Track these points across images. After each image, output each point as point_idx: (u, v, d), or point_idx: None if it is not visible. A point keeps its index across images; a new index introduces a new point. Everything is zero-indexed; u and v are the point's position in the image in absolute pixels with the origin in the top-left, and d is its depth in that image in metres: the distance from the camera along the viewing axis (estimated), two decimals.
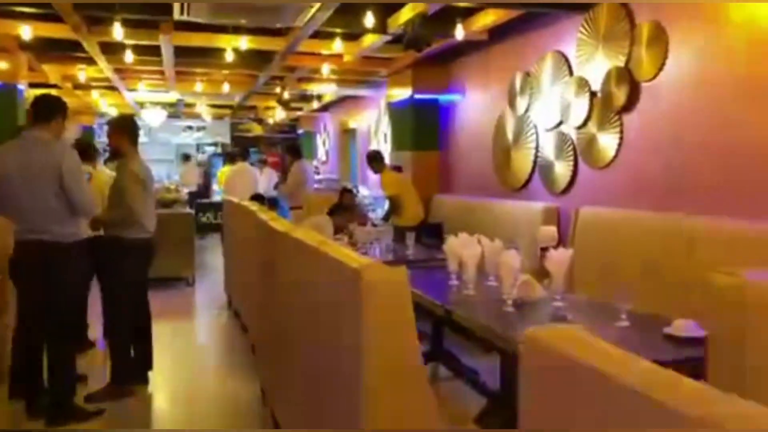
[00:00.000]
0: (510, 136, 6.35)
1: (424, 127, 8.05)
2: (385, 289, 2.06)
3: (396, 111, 8.62)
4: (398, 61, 7.83)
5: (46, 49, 7.21)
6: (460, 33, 5.64)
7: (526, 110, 6.04)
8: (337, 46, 6.60)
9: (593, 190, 5.16)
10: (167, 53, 6.83)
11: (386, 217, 7.57)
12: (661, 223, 4.27)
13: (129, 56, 6.95)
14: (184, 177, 13.23)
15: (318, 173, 12.44)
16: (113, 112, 13.49)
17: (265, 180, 10.68)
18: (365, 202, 9.12)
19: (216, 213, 13.28)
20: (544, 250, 4.46)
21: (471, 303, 3.54)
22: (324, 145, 14.66)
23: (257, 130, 17.06)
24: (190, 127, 16.62)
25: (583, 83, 5.17)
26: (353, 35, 6.74)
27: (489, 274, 3.98)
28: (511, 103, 6.29)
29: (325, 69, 7.80)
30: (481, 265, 3.82)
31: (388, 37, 6.38)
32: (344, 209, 7.39)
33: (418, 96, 7.96)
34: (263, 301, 4.25)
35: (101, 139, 15.67)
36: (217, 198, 13.20)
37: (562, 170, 5.52)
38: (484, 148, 6.86)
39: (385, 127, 9.95)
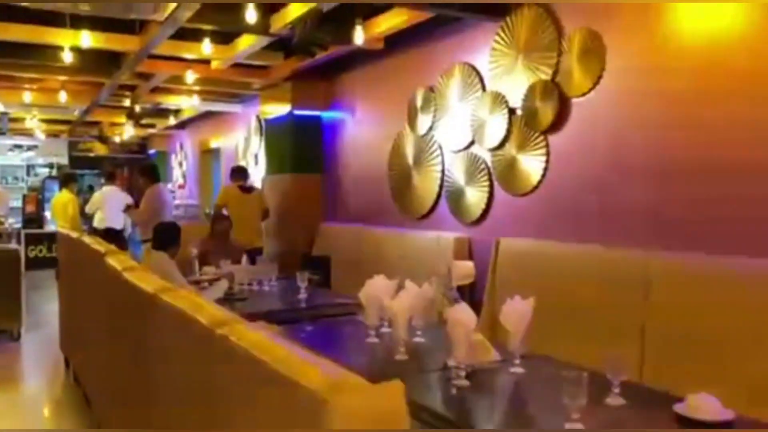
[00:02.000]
0: (410, 158, 5.64)
1: (304, 147, 7.14)
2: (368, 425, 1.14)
3: (272, 129, 7.64)
4: (275, 71, 6.88)
5: None
6: (359, 37, 4.83)
7: (430, 129, 5.36)
8: (206, 48, 5.53)
9: (513, 220, 4.55)
10: None
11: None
12: (598, 256, 3.71)
13: None
14: None
15: (174, 198, 11.02)
16: None
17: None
18: None
19: (50, 245, 11.38)
20: (459, 289, 3.82)
21: (409, 374, 2.69)
22: (181, 166, 13.18)
23: (101, 149, 15.11)
24: (18, 146, 14.32)
25: (499, 99, 4.58)
26: (226, 35, 5.71)
27: (416, 328, 3.20)
28: (411, 122, 5.59)
29: (189, 77, 6.64)
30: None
31: (268, 40, 5.45)
32: (217, 237, 6.26)
33: (297, 112, 7.05)
34: (115, 368, 3.13)
35: None
36: (51, 228, 11.28)
37: (474, 197, 4.87)
38: (379, 171, 6.09)
39: (257, 147, 8.90)
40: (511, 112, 4.50)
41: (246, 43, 5.58)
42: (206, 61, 6.57)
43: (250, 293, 4.83)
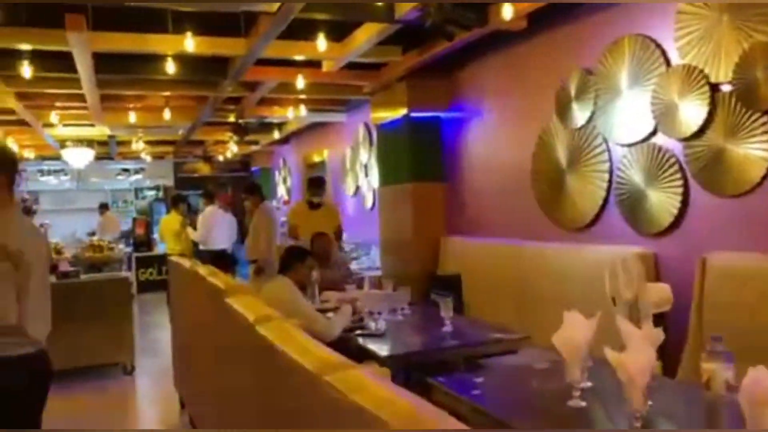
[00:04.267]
0: (562, 157, 4.70)
1: (423, 153, 6.35)
2: None
3: (385, 135, 6.92)
4: (388, 71, 6.16)
5: None
6: (508, 12, 3.97)
7: (589, 119, 4.41)
8: (320, 45, 4.86)
9: (722, 228, 3.53)
10: (83, 63, 4.94)
11: None
12: None
13: (27, 69, 5.03)
14: (103, 230, 11.11)
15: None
16: (29, 155, 11.36)
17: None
18: (344, 249, 7.34)
19: (159, 268, 11.26)
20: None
21: None
22: (285, 182, 12.80)
23: (204, 170, 15.08)
24: (126, 170, 14.51)
25: (693, 74, 3.58)
26: (340, 30, 5.02)
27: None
28: (562, 114, 4.66)
29: (300, 83, 6.02)
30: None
31: (389, 31, 4.72)
32: (320, 258, 5.60)
33: (414, 115, 6.28)
34: (236, 424, 2.45)
35: (20, 188, 13.48)
36: (160, 250, 11.16)
37: (660, 201, 3.88)
38: (518, 175, 5.19)
39: (366, 157, 8.23)
40: (714, 89, 3.49)
41: (364, 35, 4.86)
42: (315, 65, 5.95)
43: (381, 324, 4.07)
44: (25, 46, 4.77)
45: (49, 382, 2.59)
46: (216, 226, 8.34)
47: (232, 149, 11.98)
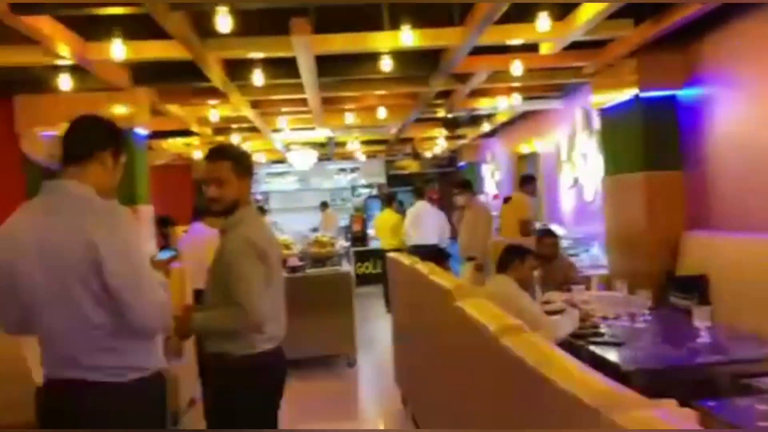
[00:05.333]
0: None
1: (655, 138, 5.63)
2: None
3: (609, 120, 6.30)
4: (613, 47, 5.56)
5: (160, 80, 5.85)
6: None
7: None
8: (541, 24, 4.48)
9: None
10: (306, 67, 5.14)
11: None
12: None
13: (259, 77, 5.36)
14: (324, 227, 11.79)
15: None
16: (260, 159, 12.44)
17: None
18: (563, 246, 6.83)
19: (375, 262, 11.67)
20: None
21: None
22: (492, 176, 12.51)
23: (412, 166, 15.38)
24: (343, 170, 15.33)
25: None
26: (564, 4, 4.60)
27: None
28: None
29: (516, 68, 5.68)
30: None
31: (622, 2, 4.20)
32: (545, 257, 5.26)
33: (645, 94, 5.59)
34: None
35: (254, 190, 14.90)
36: (374, 245, 11.55)
37: None
38: None
39: (585, 145, 7.62)
40: None
41: (593, 9, 4.39)
42: (530, 49, 5.57)
43: (619, 332, 3.61)
44: (257, 54, 5.08)
45: (285, 378, 2.62)
46: (425, 221, 8.37)
47: (441, 145, 11.99)
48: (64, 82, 5.15)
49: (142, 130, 5.96)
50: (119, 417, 1.99)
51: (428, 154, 13.79)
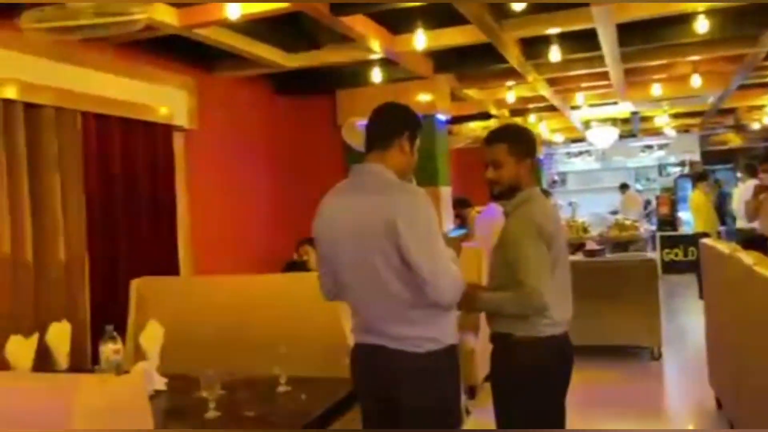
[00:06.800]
0: None
1: None
2: None
3: None
4: None
5: (459, 66, 6.06)
6: None
7: None
8: None
9: None
10: (607, 38, 4.81)
11: None
12: None
13: (556, 53, 5.20)
14: (624, 209, 10.94)
15: None
16: (558, 139, 12.14)
17: None
18: None
19: (686, 249, 10.54)
20: None
21: None
22: None
23: (734, 140, 13.41)
24: (648, 147, 14.11)
25: None
26: None
27: None
28: None
29: None
30: None
31: None
32: None
33: None
34: None
35: (551, 170, 14.62)
36: (685, 230, 10.44)
37: None
38: None
39: None
40: None
41: None
42: None
43: None
44: (554, 30, 4.93)
45: (572, 364, 2.51)
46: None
47: None
48: (376, 75, 5.68)
49: (442, 116, 6.28)
50: (416, 381, 2.12)
51: (755, 126, 11.88)
